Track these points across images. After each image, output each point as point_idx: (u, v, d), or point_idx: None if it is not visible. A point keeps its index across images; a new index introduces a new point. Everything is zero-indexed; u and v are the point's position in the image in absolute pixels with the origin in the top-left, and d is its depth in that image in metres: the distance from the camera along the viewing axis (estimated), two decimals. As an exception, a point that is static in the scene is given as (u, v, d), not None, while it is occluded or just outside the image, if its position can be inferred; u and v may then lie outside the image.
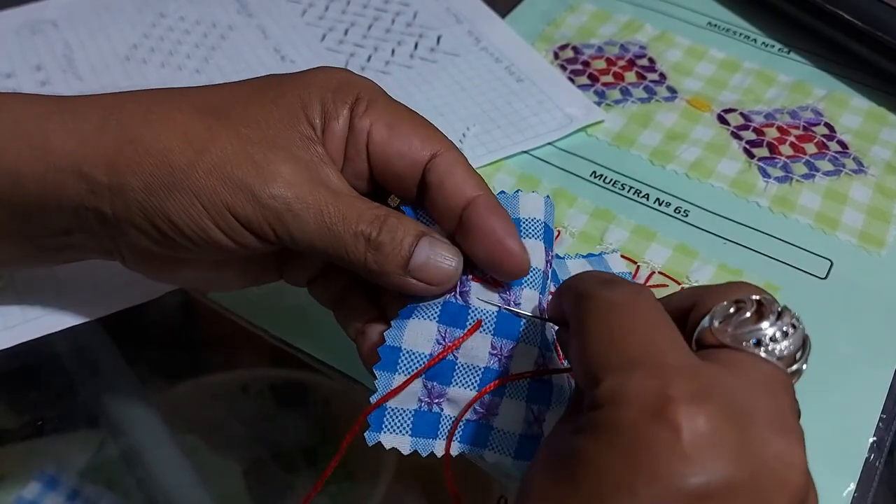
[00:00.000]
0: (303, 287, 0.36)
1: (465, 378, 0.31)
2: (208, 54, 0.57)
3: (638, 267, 0.45)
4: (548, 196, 0.34)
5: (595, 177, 0.50)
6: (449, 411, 0.31)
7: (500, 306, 0.31)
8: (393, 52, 0.58)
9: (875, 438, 0.38)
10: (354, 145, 0.32)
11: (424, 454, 0.31)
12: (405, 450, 0.30)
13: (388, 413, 0.30)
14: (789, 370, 0.24)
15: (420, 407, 0.31)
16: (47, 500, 0.38)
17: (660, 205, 0.48)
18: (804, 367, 0.25)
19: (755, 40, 0.59)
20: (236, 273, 0.35)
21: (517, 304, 0.31)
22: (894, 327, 0.43)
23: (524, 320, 0.31)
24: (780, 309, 0.25)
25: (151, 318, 0.43)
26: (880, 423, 0.39)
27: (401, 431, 0.30)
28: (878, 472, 0.37)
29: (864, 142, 0.52)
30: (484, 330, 0.31)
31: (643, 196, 0.49)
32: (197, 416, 0.42)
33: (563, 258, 0.39)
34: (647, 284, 0.44)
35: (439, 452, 0.31)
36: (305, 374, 0.41)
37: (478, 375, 0.31)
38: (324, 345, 0.41)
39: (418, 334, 0.31)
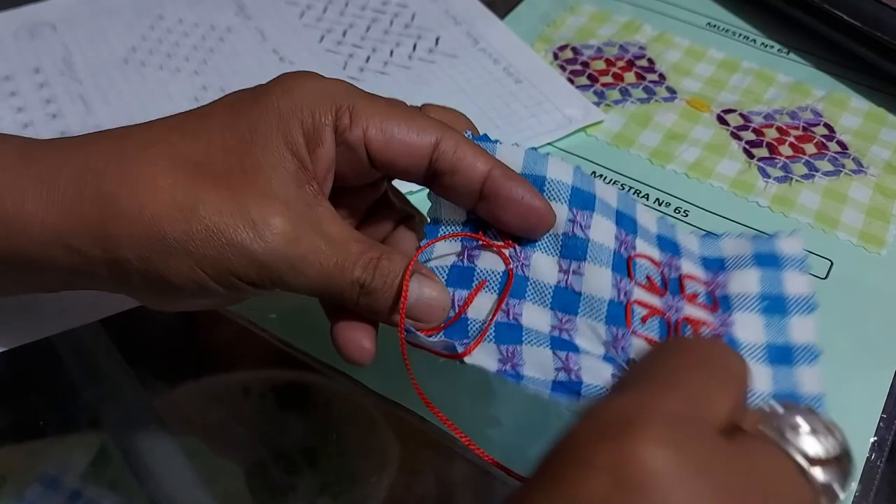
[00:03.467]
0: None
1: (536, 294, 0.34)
2: (207, 56, 0.57)
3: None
4: (578, 167, 0.35)
5: (595, 177, 0.49)
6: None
7: (507, 265, 0.34)
8: (391, 53, 0.58)
9: (876, 438, 0.39)
10: (356, 157, 0.32)
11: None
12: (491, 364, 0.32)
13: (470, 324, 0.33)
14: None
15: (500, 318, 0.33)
16: (49, 502, 0.38)
17: (660, 205, 0.48)
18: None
19: (754, 41, 0.59)
20: (233, 298, 0.35)
21: (525, 266, 0.34)
22: (894, 327, 0.43)
23: (537, 277, 0.34)
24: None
25: (152, 319, 0.43)
26: (881, 423, 0.39)
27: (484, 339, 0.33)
28: (879, 472, 0.37)
29: (863, 142, 0.52)
30: (487, 289, 0.34)
31: (643, 196, 0.49)
32: (198, 417, 0.42)
33: (720, 236, 0.38)
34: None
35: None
36: (307, 376, 0.41)
37: (549, 293, 0.34)
38: (325, 345, 0.41)
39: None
